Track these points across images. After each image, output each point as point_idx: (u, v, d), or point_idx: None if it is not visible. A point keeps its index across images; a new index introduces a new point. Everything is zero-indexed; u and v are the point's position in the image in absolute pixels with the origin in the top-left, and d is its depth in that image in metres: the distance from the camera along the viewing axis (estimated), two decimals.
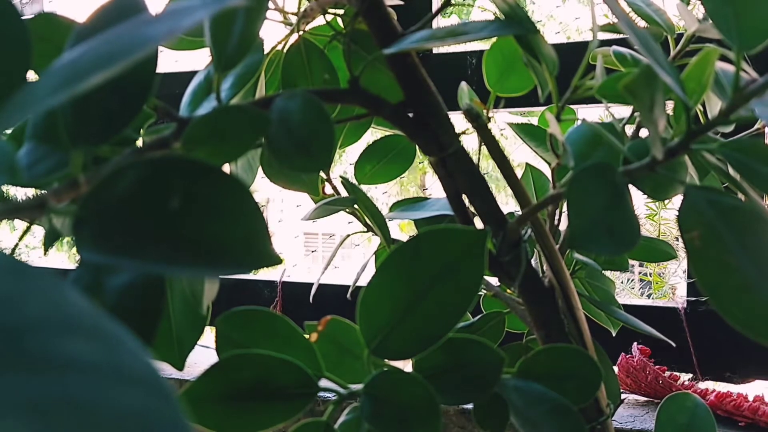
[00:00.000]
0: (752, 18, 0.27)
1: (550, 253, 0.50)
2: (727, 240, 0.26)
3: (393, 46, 0.35)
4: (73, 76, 0.15)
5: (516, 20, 0.36)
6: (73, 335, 0.12)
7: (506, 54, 0.55)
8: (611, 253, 0.28)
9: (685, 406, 0.59)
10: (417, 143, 0.44)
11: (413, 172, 4.68)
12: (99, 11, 0.25)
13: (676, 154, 0.31)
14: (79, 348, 0.12)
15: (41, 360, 0.12)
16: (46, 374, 0.11)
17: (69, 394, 0.11)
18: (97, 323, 0.13)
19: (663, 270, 1.71)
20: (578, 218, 0.28)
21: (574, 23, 5.01)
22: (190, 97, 0.41)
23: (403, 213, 0.63)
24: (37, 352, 0.12)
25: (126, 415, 0.11)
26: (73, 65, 0.16)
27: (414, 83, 0.41)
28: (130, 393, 0.12)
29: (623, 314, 0.60)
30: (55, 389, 0.11)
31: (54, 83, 0.15)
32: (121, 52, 0.16)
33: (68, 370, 0.12)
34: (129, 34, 0.17)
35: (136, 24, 0.17)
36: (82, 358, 0.12)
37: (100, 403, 0.11)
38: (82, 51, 0.17)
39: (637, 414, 1.00)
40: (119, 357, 0.12)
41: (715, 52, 0.29)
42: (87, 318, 0.13)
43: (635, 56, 0.52)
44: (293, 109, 0.30)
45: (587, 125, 0.41)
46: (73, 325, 0.13)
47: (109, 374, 0.12)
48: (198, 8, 0.17)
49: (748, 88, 0.28)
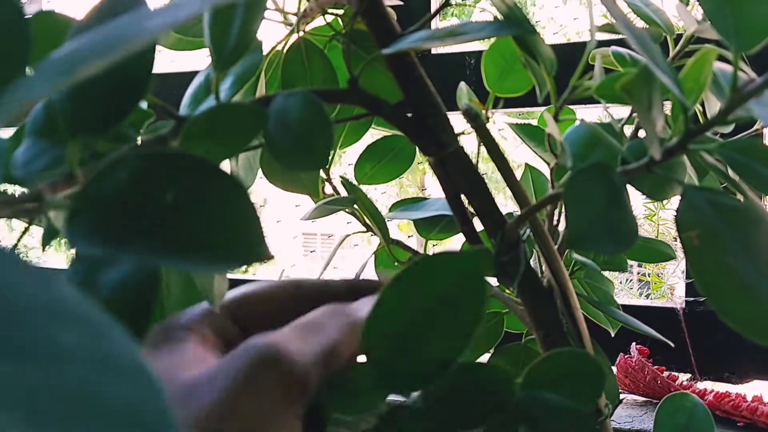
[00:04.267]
0: (750, 18, 0.27)
1: (548, 254, 0.50)
2: (726, 240, 0.26)
3: (392, 46, 0.36)
4: (73, 63, 0.15)
5: (514, 21, 0.36)
6: (63, 325, 0.12)
7: (505, 54, 0.55)
8: (610, 252, 0.28)
9: (684, 406, 0.59)
10: (416, 143, 0.44)
11: (413, 173, 4.68)
12: (98, 7, 0.25)
13: (673, 154, 0.31)
14: (69, 338, 0.12)
15: (31, 349, 0.12)
16: (37, 364, 0.11)
17: (60, 385, 0.11)
18: (86, 313, 0.13)
19: (661, 270, 1.71)
20: (577, 218, 0.28)
21: (573, 24, 5.02)
22: (190, 98, 0.41)
23: (402, 213, 0.63)
24: (27, 342, 0.12)
25: (115, 406, 0.11)
26: (73, 53, 0.16)
27: (413, 83, 0.41)
28: (119, 384, 0.12)
29: (622, 314, 0.60)
30: (47, 380, 0.11)
31: (53, 70, 0.16)
32: (121, 40, 0.16)
33: (59, 361, 0.12)
34: (128, 26, 0.17)
35: (136, 17, 0.17)
36: (71, 348, 0.12)
37: (90, 395, 0.11)
38: (82, 41, 0.17)
39: (635, 414, 1.00)
40: (108, 347, 0.12)
41: (713, 51, 0.29)
42: (76, 308, 0.13)
43: (634, 56, 0.52)
44: (292, 107, 0.30)
45: (585, 125, 0.41)
46: (63, 315, 0.13)
47: (99, 365, 0.12)
48: (196, 2, 0.17)
49: (746, 88, 0.28)
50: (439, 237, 0.63)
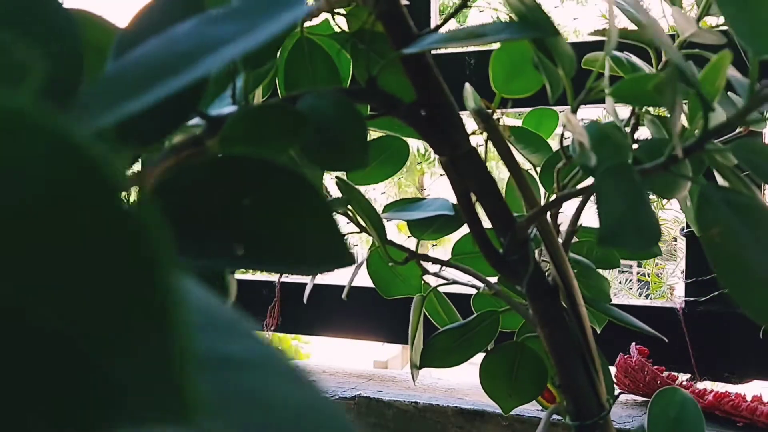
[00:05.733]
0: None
1: (555, 253, 0.51)
2: (743, 236, 0.27)
3: (412, 46, 0.36)
4: (140, 85, 0.14)
5: (534, 22, 0.36)
6: (226, 336, 0.12)
7: (513, 56, 0.55)
8: (639, 248, 0.29)
9: (674, 400, 0.61)
10: (429, 143, 0.44)
11: (412, 173, 4.68)
12: (148, 10, 0.23)
13: (691, 152, 0.31)
14: (237, 348, 0.12)
15: (214, 360, 0.12)
16: (225, 372, 0.12)
17: (252, 391, 0.11)
18: (238, 324, 0.13)
19: (661, 270, 1.72)
20: (609, 216, 0.29)
21: (572, 24, 5.02)
22: None
23: (397, 214, 0.63)
24: (207, 353, 0.12)
25: (301, 409, 0.12)
26: (138, 72, 0.15)
27: (429, 83, 0.42)
28: (293, 389, 0.12)
29: (617, 311, 0.61)
30: (238, 386, 0.11)
31: (116, 93, 0.15)
32: (195, 54, 0.15)
33: (240, 368, 0.12)
34: (200, 34, 0.16)
35: (203, 26, 0.16)
36: (243, 356, 0.12)
37: (279, 399, 0.11)
38: (142, 56, 0.16)
39: (635, 414, 1.00)
40: (271, 355, 0.12)
41: (728, 55, 0.30)
42: (230, 319, 0.13)
43: (632, 61, 0.53)
44: (324, 108, 0.31)
45: (596, 125, 0.42)
46: (224, 327, 0.13)
47: (271, 371, 0.12)
48: (273, 24, 0.16)
49: (763, 90, 0.28)
50: (432, 237, 0.63)
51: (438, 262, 0.64)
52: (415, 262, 0.64)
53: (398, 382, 1.20)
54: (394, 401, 1.11)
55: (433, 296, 0.69)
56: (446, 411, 1.08)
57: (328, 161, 0.31)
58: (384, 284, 0.70)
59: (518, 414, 1.01)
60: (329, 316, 1.26)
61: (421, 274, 0.66)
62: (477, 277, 0.61)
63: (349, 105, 0.30)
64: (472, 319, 0.64)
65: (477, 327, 0.64)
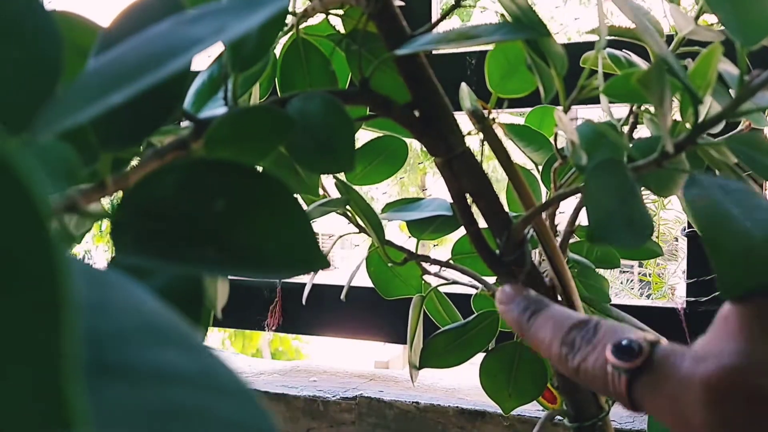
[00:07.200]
0: (755, 14, 0.27)
1: (552, 253, 0.50)
2: (727, 205, 0.27)
3: (406, 47, 0.36)
4: (117, 82, 0.14)
5: (527, 23, 0.36)
6: (163, 345, 0.12)
7: (509, 56, 0.55)
8: (629, 244, 0.29)
9: None
10: (424, 143, 0.44)
11: (413, 173, 4.68)
12: (129, 12, 0.24)
13: (683, 147, 0.31)
14: (171, 358, 0.12)
15: (140, 371, 0.12)
16: (148, 385, 0.11)
17: (176, 405, 0.11)
18: (181, 332, 0.13)
19: (662, 271, 1.72)
20: (597, 212, 0.29)
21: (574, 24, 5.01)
22: (193, 97, 0.41)
23: (396, 214, 0.63)
24: (133, 363, 0.12)
25: (230, 425, 0.11)
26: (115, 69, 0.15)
27: (423, 84, 0.42)
28: (227, 403, 0.12)
29: (617, 311, 0.61)
30: (161, 400, 0.11)
31: (95, 90, 0.14)
32: (167, 55, 0.15)
33: (167, 381, 0.12)
34: (173, 36, 0.16)
35: (178, 25, 0.16)
36: (176, 369, 0.12)
37: (205, 415, 0.11)
38: (120, 54, 0.16)
39: (635, 414, 1.00)
40: (209, 367, 0.12)
41: (719, 48, 0.30)
42: (171, 327, 0.13)
43: (629, 58, 0.53)
44: (313, 110, 0.30)
45: (590, 124, 0.42)
46: (161, 335, 0.12)
47: (204, 385, 0.12)
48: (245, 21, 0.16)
49: (753, 81, 0.28)
50: (431, 237, 0.63)
51: (436, 263, 0.64)
52: (415, 263, 0.64)
53: (399, 382, 1.20)
54: (395, 401, 1.11)
55: (434, 296, 0.69)
56: (447, 411, 1.07)
57: (314, 163, 0.30)
58: (384, 285, 0.70)
59: (519, 414, 1.01)
60: (330, 316, 1.26)
61: (421, 274, 0.66)
62: (474, 277, 0.61)
63: (337, 107, 0.30)
64: (471, 319, 0.63)
65: (476, 327, 0.64)
